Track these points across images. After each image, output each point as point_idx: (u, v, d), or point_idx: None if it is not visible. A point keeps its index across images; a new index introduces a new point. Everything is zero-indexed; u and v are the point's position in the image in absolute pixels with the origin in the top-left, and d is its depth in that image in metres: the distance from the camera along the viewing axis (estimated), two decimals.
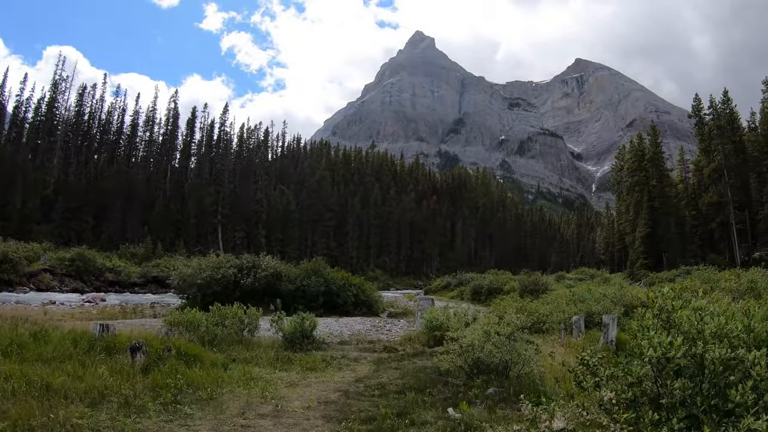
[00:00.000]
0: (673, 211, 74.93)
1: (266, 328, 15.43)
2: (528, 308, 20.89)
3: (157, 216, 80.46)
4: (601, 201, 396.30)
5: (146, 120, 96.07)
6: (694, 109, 71.22)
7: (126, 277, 55.13)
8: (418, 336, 17.10)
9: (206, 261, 30.76)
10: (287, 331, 14.52)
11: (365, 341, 17.11)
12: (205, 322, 13.67)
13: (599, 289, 30.24)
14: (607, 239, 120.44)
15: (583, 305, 19.94)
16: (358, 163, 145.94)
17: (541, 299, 32.87)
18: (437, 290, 67.47)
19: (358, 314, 30.12)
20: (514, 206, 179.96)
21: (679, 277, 45.23)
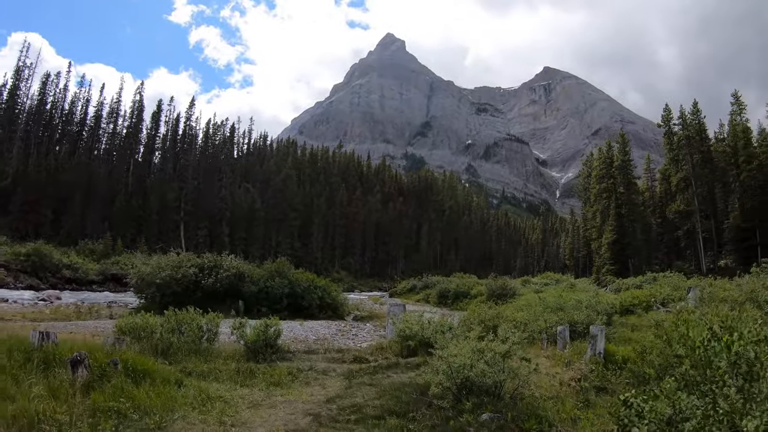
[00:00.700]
0: (640, 218, 75.46)
1: (227, 332, 14.29)
2: (504, 315, 20.03)
3: (118, 211, 77.82)
4: (564, 207, 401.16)
5: (110, 112, 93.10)
6: (663, 119, 71.85)
7: (84, 275, 52.76)
8: (390, 345, 16.04)
9: (166, 259, 29.37)
10: (250, 339, 13.39)
11: (333, 350, 15.91)
12: (160, 329, 12.54)
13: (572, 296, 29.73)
14: (572, 245, 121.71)
15: (563, 313, 19.08)
16: (324, 162, 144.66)
17: (510, 304, 32.29)
18: (402, 293, 66.88)
19: (323, 317, 29.25)
20: (480, 210, 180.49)
21: (645, 283, 44.98)
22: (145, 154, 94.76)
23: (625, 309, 27.20)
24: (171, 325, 12.91)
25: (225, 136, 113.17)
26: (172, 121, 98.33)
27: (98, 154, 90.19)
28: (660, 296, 29.87)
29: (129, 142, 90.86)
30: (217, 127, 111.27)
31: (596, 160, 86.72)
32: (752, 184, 63.86)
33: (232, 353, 13.25)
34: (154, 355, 11.00)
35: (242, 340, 13.63)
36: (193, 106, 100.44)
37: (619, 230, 72.49)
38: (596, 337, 13.08)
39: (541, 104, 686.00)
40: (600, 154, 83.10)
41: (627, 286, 46.95)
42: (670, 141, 71.44)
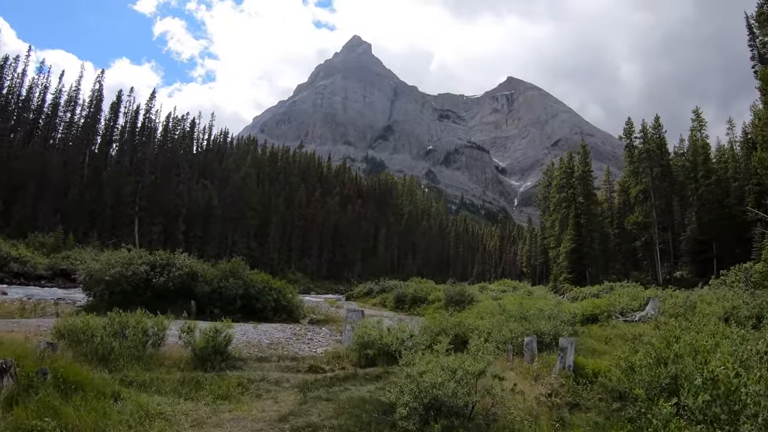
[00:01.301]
0: (598, 228, 76.05)
1: (177, 335, 13.38)
2: (465, 323, 19.44)
3: (72, 204, 75.40)
4: (522, 215, 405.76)
5: (68, 100, 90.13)
6: (625, 132, 72.54)
7: (32, 269, 50.72)
8: (347, 353, 15.23)
9: (116, 255, 28.02)
10: (198, 345, 12.46)
11: (287, 357, 14.95)
12: (102, 332, 11.56)
13: (533, 304, 29.39)
14: (530, 252, 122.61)
15: (528, 323, 18.54)
16: (284, 162, 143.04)
17: (468, 310, 31.86)
18: (359, 296, 66.31)
19: (278, 320, 28.31)
20: (439, 216, 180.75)
21: (602, 292, 45.14)
22: (102, 145, 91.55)
23: (586, 318, 26.87)
24: (114, 328, 11.99)
25: (185, 131, 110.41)
26: (131, 113, 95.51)
27: (54, 144, 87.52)
28: (619, 306, 29.77)
29: (86, 133, 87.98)
30: (177, 122, 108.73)
31: (557, 170, 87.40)
32: (710, 199, 65.10)
33: (179, 360, 12.32)
34: (93, 362, 10.15)
35: (190, 346, 12.69)
36: (154, 99, 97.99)
37: (578, 239, 73.02)
38: (566, 350, 12.61)
39: (503, 113, 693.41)
40: (561, 164, 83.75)
41: (584, 295, 47.24)
42: (631, 154, 72.22)
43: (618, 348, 17.56)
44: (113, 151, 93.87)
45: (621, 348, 13.37)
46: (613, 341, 19.53)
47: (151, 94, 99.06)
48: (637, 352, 10.26)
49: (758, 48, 55.40)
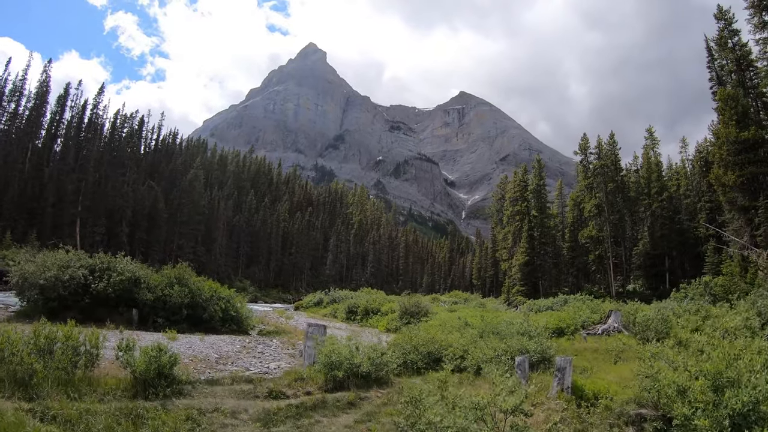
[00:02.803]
0: (551, 241, 76.78)
1: (114, 347, 11.59)
2: (437, 340, 17.99)
3: (10, 200, 71.83)
4: (470, 227, 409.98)
5: (13, 90, 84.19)
6: (581, 147, 72.82)
7: None
8: (311, 375, 13.36)
9: (53, 257, 25.67)
10: (139, 367, 10.53)
11: (242, 379, 12.76)
12: (24, 349, 9.68)
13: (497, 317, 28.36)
14: (480, 264, 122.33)
15: (510, 341, 17.05)
16: (234, 166, 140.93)
17: (425, 323, 30.86)
18: (308, 306, 64.51)
19: (226, 331, 26.70)
20: (389, 226, 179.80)
21: (557, 305, 44.84)
22: (46, 140, 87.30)
23: (551, 332, 25.77)
24: (40, 344, 10.05)
25: (133, 129, 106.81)
26: (78, 108, 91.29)
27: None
28: (580, 319, 29.03)
29: (30, 126, 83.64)
30: (125, 119, 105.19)
31: (511, 183, 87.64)
32: (662, 214, 66.31)
33: (116, 384, 10.37)
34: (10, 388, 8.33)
35: (129, 367, 10.77)
36: (102, 94, 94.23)
37: (531, 252, 72.98)
38: (564, 370, 11.43)
39: (453, 127, 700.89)
40: (515, 177, 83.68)
41: (539, 307, 47.11)
42: (586, 169, 72.62)
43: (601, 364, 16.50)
44: (58, 146, 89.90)
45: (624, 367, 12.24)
46: (585, 355, 18.43)
47: (100, 89, 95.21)
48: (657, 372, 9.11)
49: (716, 70, 55.87)
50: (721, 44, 52.36)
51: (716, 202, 57.43)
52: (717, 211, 57.28)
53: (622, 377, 13.74)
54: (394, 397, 11.82)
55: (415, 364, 16.16)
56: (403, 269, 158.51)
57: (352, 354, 13.02)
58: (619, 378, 13.68)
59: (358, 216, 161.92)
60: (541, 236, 74.68)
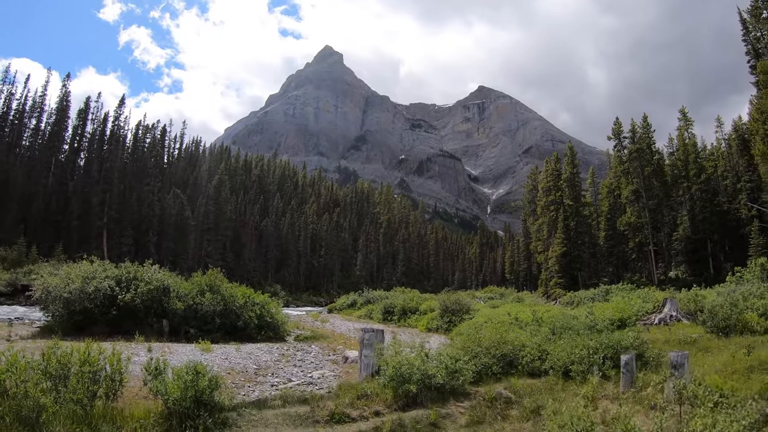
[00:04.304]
0: (587, 231, 74.46)
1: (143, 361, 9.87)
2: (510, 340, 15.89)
3: (36, 215, 72.13)
4: (496, 222, 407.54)
5: (33, 106, 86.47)
6: (614, 132, 70.83)
7: None
8: (375, 390, 11.30)
9: (77, 269, 24.15)
10: (172, 394, 8.56)
11: (294, 399, 10.44)
12: (31, 378, 7.82)
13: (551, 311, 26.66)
14: (512, 258, 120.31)
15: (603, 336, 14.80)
16: (259, 171, 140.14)
17: (468, 321, 29.42)
18: (342, 308, 63.21)
19: (262, 339, 25.16)
20: (417, 224, 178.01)
21: (598, 296, 43.00)
22: (69, 154, 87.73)
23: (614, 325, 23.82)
24: (51, 369, 8.22)
25: (155, 139, 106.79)
26: (99, 121, 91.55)
27: (19, 152, 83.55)
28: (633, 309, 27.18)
29: (52, 141, 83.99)
30: (147, 130, 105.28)
31: (543, 173, 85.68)
32: (701, 197, 64.36)
33: (145, 416, 8.37)
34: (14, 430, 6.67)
35: (160, 394, 8.78)
36: (123, 106, 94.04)
37: (568, 243, 70.82)
38: (682, 367, 9.62)
39: (474, 122, 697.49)
40: (547, 166, 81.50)
41: (580, 299, 45.55)
42: (620, 154, 70.50)
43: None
44: (81, 160, 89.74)
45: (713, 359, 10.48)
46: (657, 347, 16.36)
47: (120, 101, 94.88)
48: None
49: (752, 43, 54.02)
50: (756, 15, 50.59)
51: (757, 181, 56.30)
52: (758, 190, 56.03)
53: (721, 370, 12.00)
54: (483, 413, 9.94)
55: (489, 368, 13.95)
56: (434, 267, 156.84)
57: (424, 362, 11.19)
58: (718, 371, 11.92)
59: (385, 215, 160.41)
60: (577, 226, 72.34)
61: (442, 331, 32.33)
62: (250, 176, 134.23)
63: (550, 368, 13.90)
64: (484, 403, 10.58)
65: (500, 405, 10.40)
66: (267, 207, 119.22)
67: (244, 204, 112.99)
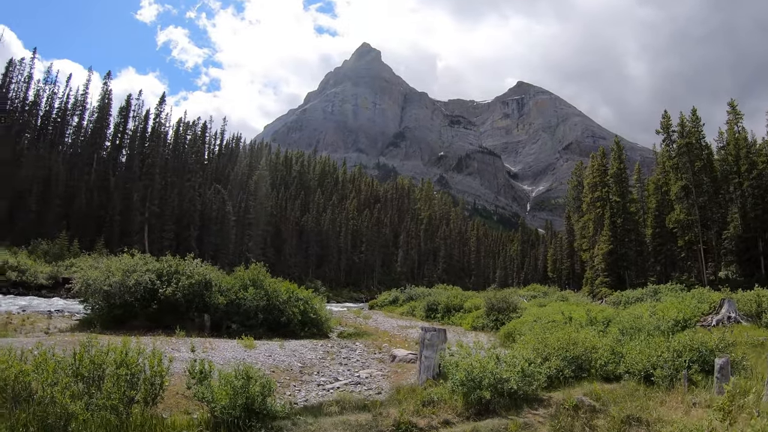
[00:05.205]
0: (634, 228, 72.31)
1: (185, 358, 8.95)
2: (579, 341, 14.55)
3: (78, 210, 72.98)
4: (535, 219, 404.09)
5: (75, 104, 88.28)
6: (662, 126, 68.74)
7: (32, 278, 47.22)
8: (443, 396, 10.11)
9: (117, 262, 23.76)
10: (219, 401, 7.58)
11: (352, 405, 9.23)
12: (61, 380, 6.91)
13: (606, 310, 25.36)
14: (555, 256, 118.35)
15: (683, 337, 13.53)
16: (299, 167, 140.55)
17: (517, 320, 28.42)
18: (384, 305, 62.59)
19: (305, 335, 24.51)
20: (457, 221, 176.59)
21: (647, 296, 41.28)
22: (111, 150, 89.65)
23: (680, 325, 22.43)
24: (84, 371, 7.26)
25: (196, 136, 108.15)
26: (140, 118, 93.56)
27: (62, 149, 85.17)
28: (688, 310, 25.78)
29: (94, 137, 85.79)
30: (188, 127, 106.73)
31: (588, 168, 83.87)
32: (753, 193, 62.30)
33: (188, 425, 7.35)
34: None
35: (206, 402, 7.82)
36: (164, 103, 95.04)
37: (614, 241, 69.01)
38: None
39: (513, 118, 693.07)
40: (593, 161, 79.55)
41: (627, 299, 43.60)
42: (669, 148, 68.32)
43: None
44: (122, 156, 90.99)
45: None
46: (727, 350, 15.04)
47: (161, 98, 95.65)
48: None
49: None
50: None
51: None
52: None
53: None
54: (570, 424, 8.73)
55: (561, 372, 12.79)
56: (475, 264, 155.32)
57: (498, 365, 10.10)
58: None
59: (426, 211, 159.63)
60: (624, 223, 70.31)
61: (488, 330, 31.60)
62: (291, 172, 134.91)
63: (626, 372, 12.75)
64: (566, 412, 9.38)
65: (584, 414, 9.22)
66: (308, 203, 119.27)
67: (284, 200, 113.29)
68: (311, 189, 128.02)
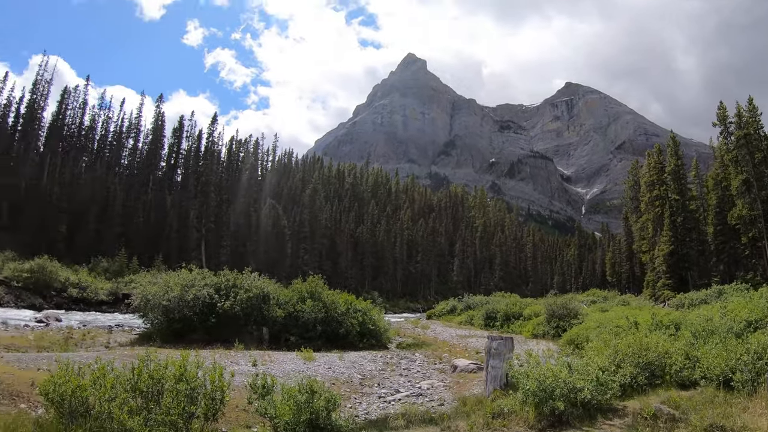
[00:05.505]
0: (695, 226, 70.13)
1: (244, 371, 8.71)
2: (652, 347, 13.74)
3: (136, 228, 75.24)
4: (591, 223, 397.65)
5: (130, 126, 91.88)
6: (719, 117, 66.28)
7: (93, 294, 48.87)
8: (513, 408, 9.77)
9: (176, 277, 24.49)
10: (282, 416, 7.40)
11: (418, 418, 8.89)
12: (119, 395, 6.78)
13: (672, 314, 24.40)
14: (613, 260, 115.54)
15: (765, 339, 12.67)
16: (352, 179, 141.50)
17: (579, 326, 27.83)
18: (441, 314, 62.55)
19: (364, 347, 24.70)
20: (513, 227, 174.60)
21: (711, 298, 39.76)
22: (167, 170, 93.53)
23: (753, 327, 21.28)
24: (142, 385, 7.15)
25: (248, 153, 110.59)
26: (193, 137, 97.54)
27: (119, 170, 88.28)
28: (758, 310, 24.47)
29: (149, 158, 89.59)
30: (240, 144, 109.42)
31: (644, 167, 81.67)
32: None
33: None
34: None
35: (268, 416, 7.64)
36: (216, 122, 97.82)
37: (675, 241, 66.97)
38: None
39: (563, 120, 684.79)
40: (649, 159, 77.38)
41: (691, 301, 42.16)
42: (727, 141, 65.84)
43: None
44: (178, 175, 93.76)
45: None
46: None
47: (213, 118, 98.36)
48: None
49: None
50: None
51: None
52: None
53: None
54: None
55: (634, 379, 12.15)
56: (532, 270, 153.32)
57: (570, 374, 9.61)
58: None
59: (480, 219, 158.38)
60: (685, 222, 68.20)
61: (549, 338, 31.34)
62: (344, 185, 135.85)
63: (702, 377, 12.15)
64: (644, 422, 8.83)
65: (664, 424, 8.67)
66: (362, 214, 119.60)
67: (338, 212, 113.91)
68: (365, 201, 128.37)
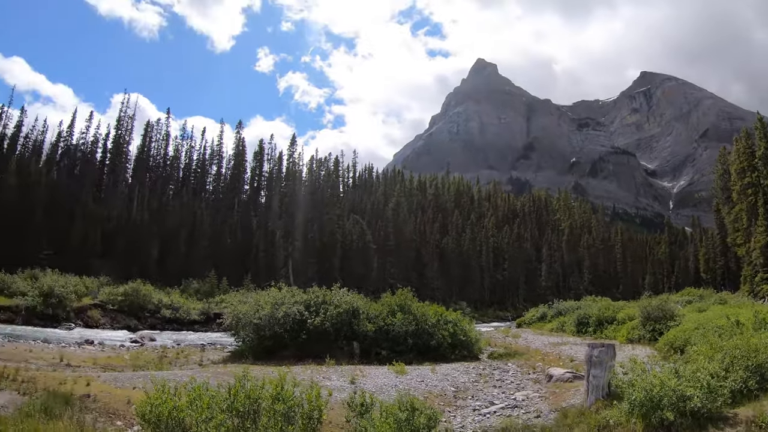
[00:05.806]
0: None
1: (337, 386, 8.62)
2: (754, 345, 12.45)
3: (224, 250, 78.05)
4: (680, 218, 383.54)
5: (212, 154, 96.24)
6: None
7: (185, 315, 51.40)
8: (618, 419, 9.44)
9: (266, 296, 25.46)
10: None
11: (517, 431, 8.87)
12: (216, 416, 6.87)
13: None
14: (707, 255, 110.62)
15: None
16: (434, 190, 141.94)
17: (676, 328, 26.70)
18: (531, 322, 61.54)
19: (455, 358, 24.64)
20: (599, 228, 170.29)
21: None
22: (251, 193, 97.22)
23: None
24: (239, 405, 7.19)
25: (329, 170, 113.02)
26: (274, 160, 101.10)
27: (205, 196, 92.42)
28: None
29: (233, 183, 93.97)
30: (320, 163, 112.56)
31: (733, 153, 77.51)
32: None
33: None
34: None
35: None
36: (295, 144, 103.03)
37: None
38: None
39: (642, 112, 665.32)
40: (737, 144, 73.40)
41: None
42: None
43: None
44: (261, 197, 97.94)
45: None
46: None
47: (291, 140, 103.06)
48: None
49: None
50: None
51: None
52: None
53: None
54: None
55: (745, 385, 11.17)
56: (622, 272, 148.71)
57: (679, 381, 9.13)
58: None
59: (566, 222, 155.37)
60: None
61: (645, 342, 30.41)
62: (426, 196, 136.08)
63: None
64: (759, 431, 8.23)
65: None
66: (446, 224, 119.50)
67: (422, 223, 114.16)
68: (448, 210, 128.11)
